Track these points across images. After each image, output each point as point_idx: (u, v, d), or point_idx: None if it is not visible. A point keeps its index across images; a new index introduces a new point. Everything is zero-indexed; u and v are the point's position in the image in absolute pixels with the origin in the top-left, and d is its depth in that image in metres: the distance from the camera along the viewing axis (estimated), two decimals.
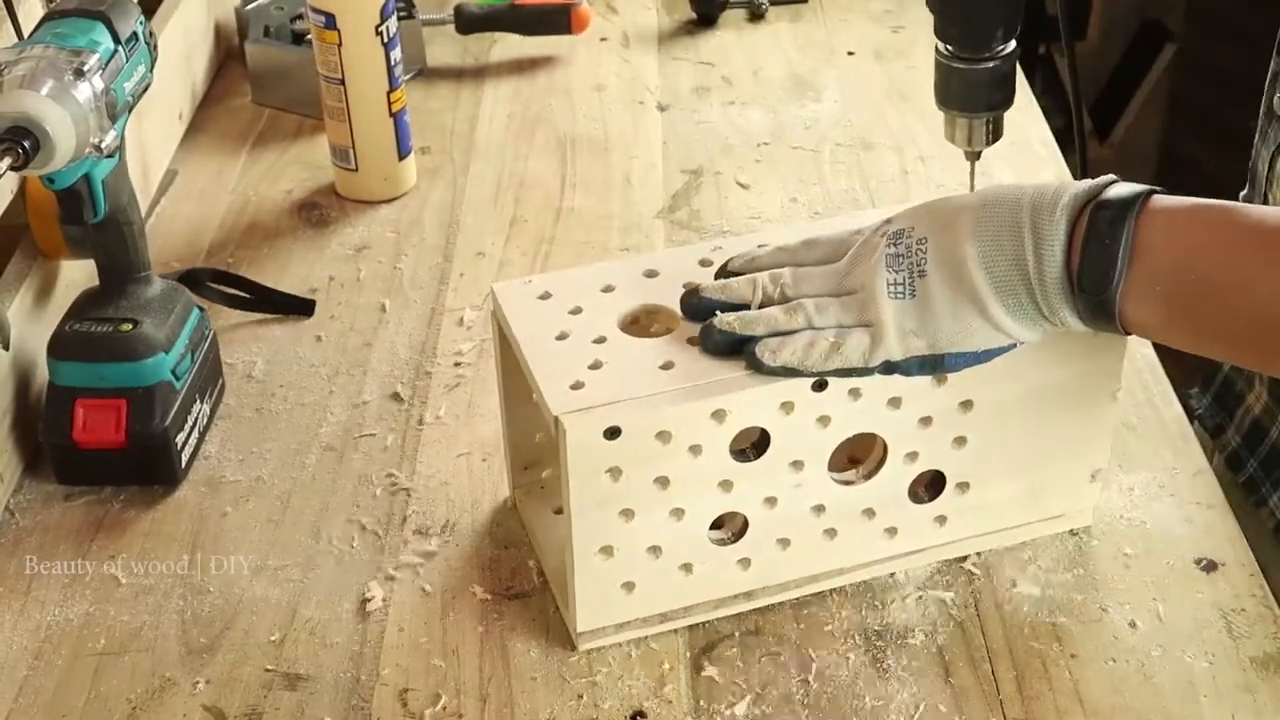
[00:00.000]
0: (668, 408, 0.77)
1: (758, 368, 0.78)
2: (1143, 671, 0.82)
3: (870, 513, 0.85)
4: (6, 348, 0.94)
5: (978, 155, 1.02)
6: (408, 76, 1.31)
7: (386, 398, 1.03)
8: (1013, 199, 0.76)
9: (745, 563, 0.84)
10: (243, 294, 1.12)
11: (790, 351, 0.77)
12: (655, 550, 0.81)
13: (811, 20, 1.55)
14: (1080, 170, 1.30)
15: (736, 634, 0.85)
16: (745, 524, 0.82)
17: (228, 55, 1.48)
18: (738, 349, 0.79)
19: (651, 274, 0.86)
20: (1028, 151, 1.32)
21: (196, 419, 0.97)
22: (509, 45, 1.49)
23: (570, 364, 0.80)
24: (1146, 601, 0.87)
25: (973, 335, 0.77)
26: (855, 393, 0.79)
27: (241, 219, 1.24)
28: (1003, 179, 1.27)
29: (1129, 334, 0.76)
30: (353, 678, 0.83)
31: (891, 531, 0.86)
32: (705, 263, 0.87)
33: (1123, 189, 0.74)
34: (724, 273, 0.85)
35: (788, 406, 0.79)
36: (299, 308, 1.12)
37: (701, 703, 0.81)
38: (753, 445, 0.81)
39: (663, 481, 0.79)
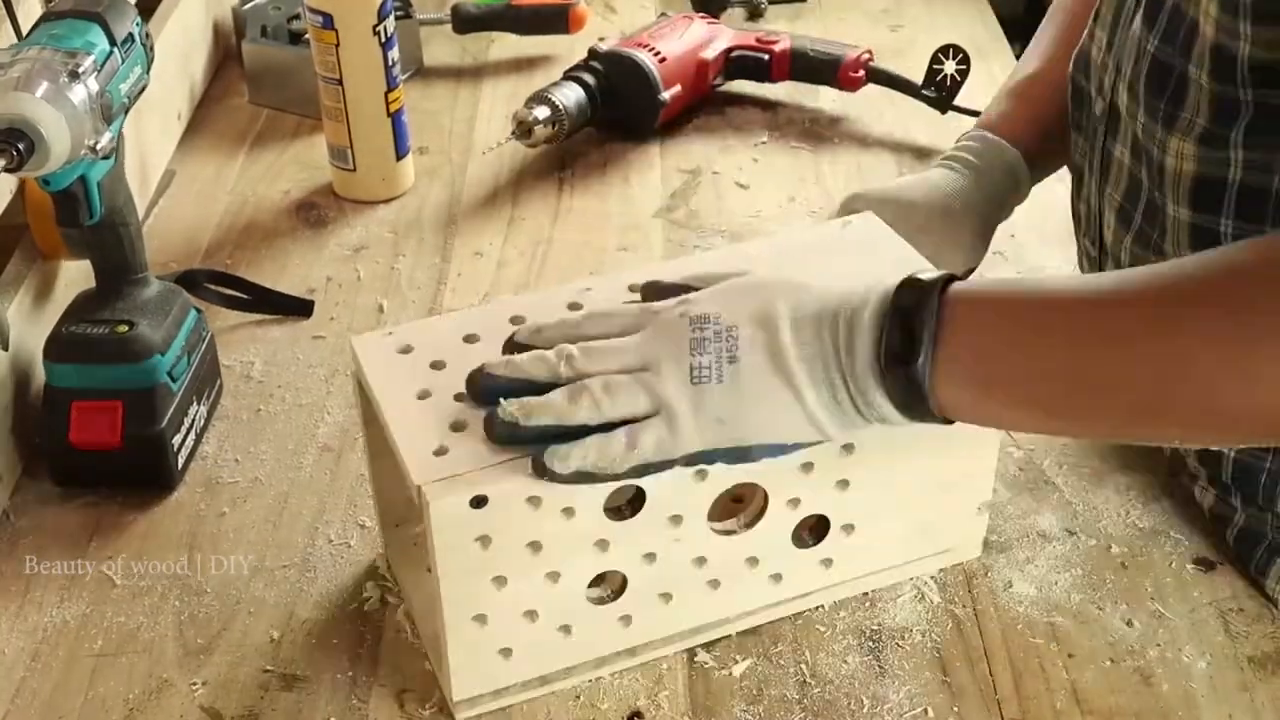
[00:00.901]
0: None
1: (551, 477, 0.73)
2: (1140, 671, 0.82)
3: (754, 560, 0.83)
4: (6, 348, 0.94)
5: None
6: (405, 76, 1.31)
7: None
8: (822, 292, 0.75)
9: (626, 619, 0.81)
10: (241, 295, 1.12)
11: (581, 456, 0.73)
12: (531, 614, 0.78)
13: (810, 19, 1.55)
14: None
15: (733, 635, 0.85)
16: (624, 581, 0.80)
17: (226, 55, 1.48)
18: (524, 441, 0.74)
19: (517, 320, 0.82)
20: None
21: (193, 421, 0.97)
22: (506, 45, 1.49)
23: (433, 426, 0.76)
24: (1144, 601, 0.87)
25: (783, 426, 0.74)
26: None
27: (239, 219, 1.24)
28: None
29: (945, 419, 0.74)
30: (350, 678, 0.83)
31: (776, 578, 0.84)
32: (574, 305, 0.84)
33: (927, 277, 0.73)
34: (511, 345, 0.80)
35: None
36: (297, 308, 1.12)
37: (699, 703, 0.81)
38: (628, 502, 0.78)
39: (535, 546, 0.76)
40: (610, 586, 0.81)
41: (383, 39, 1.20)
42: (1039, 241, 1.19)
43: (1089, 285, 0.75)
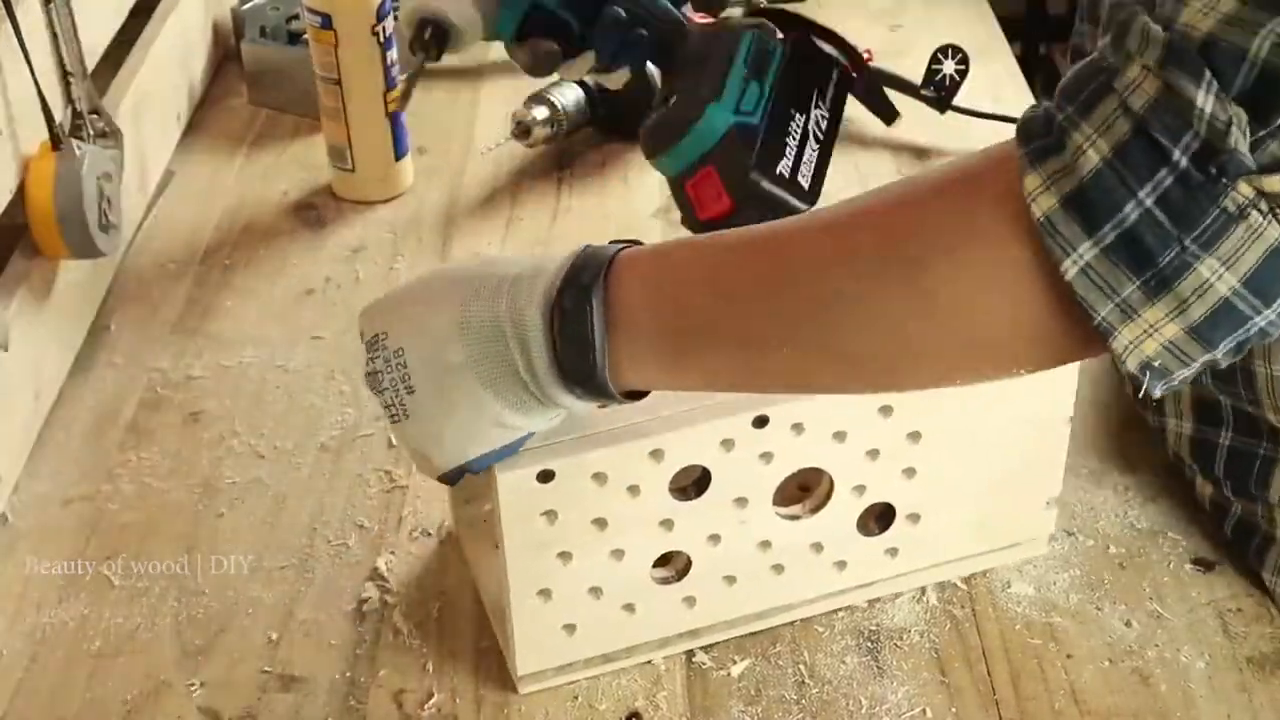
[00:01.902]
0: (603, 448, 0.75)
1: None
2: (1139, 672, 0.82)
3: (818, 547, 0.83)
4: (5, 348, 0.94)
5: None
6: (404, 76, 1.31)
7: None
8: (493, 287, 0.70)
9: (690, 601, 0.82)
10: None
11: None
12: (596, 591, 0.79)
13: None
14: None
15: (732, 635, 0.85)
16: (689, 562, 0.81)
17: (225, 56, 1.48)
18: None
19: None
20: None
21: (802, 131, 0.89)
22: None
23: None
24: (1142, 601, 0.87)
25: (485, 438, 0.72)
26: (799, 427, 0.78)
27: (239, 219, 1.24)
28: None
29: (639, 398, 0.71)
30: (349, 679, 0.83)
31: (841, 565, 0.84)
32: None
33: (592, 257, 0.68)
34: None
35: (728, 444, 0.77)
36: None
37: (697, 703, 0.81)
38: (694, 483, 0.79)
39: (601, 523, 0.77)
40: (675, 567, 0.82)
41: (381, 39, 1.20)
42: None
43: (772, 223, 0.68)
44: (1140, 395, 0.61)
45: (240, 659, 0.84)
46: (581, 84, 1.29)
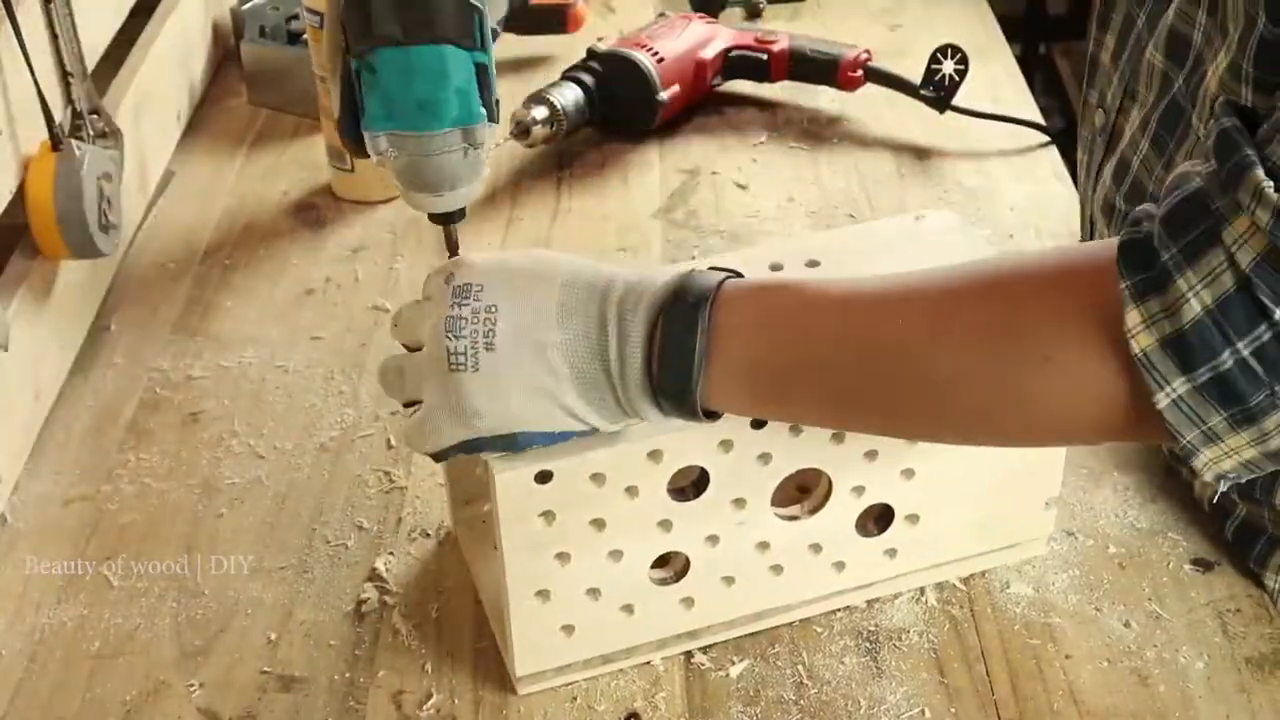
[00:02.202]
0: (601, 449, 0.75)
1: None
2: (1138, 672, 0.82)
3: (817, 548, 0.83)
4: (5, 348, 0.94)
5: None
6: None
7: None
8: (601, 285, 0.71)
9: (688, 602, 0.82)
10: None
11: (405, 434, 0.76)
12: (594, 592, 0.80)
13: (809, 18, 1.55)
14: (1072, 171, 1.31)
15: (731, 635, 0.85)
16: (687, 563, 0.81)
17: (225, 56, 1.48)
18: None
19: None
20: (1027, 151, 1.32)
21: None
22: (505, 45, 1.49)
23: None
24: (1141, 602, 0.87)
25: (548, 419, 0.72)
26: (796, 429, 0.78)
27: (238, 220, 1.24)
28: (1002, 178, 1.28)
29: (712, 420, 0.73)
30: (348, 680, 0.83)
31: (839, 566, 0.84)
32: None
33: (699, 281, 0.70)
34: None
35: (726, 445, 0.77)
36: None
37: (696, 704, 0.81)
38: (692, 484, 0.79)
39: (599, 524, 0.77)
40: (673, 568, 0.82)
41: None
42: (1038, 241, 1.19)
43: (865, 286, 0.71)
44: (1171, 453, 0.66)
45: (239, 659, 0.84)
46: (581, 84, 1.29)
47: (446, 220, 0.82)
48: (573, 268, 0.72)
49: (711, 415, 0.72)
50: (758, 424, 0.77)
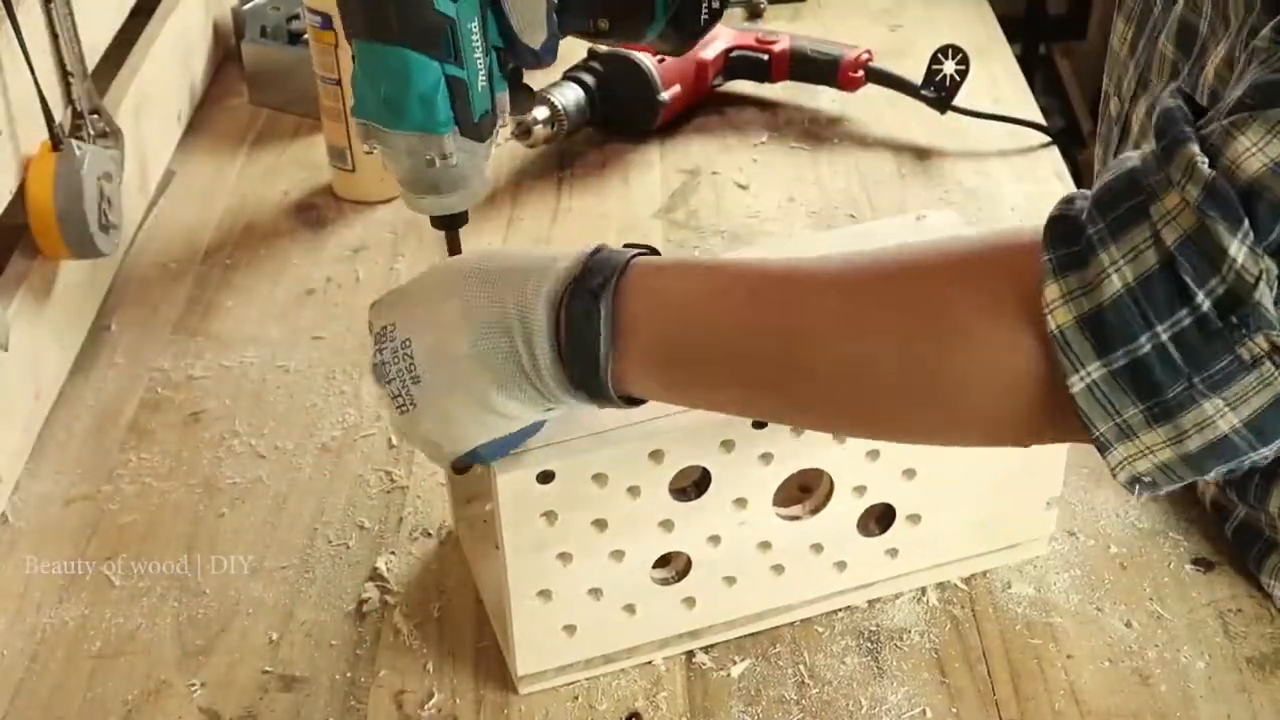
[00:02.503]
0: (604, 450, 0.75)
1: None
2: (1139, 672, 0.82)
3: (818, 547, 0.83)
4: (5, 348, 0.94)
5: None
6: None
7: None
8: (498, 281, 0.69)
9: (690, 601, 0.82)
10: None
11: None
12: (596, 592, 0.80)
13: (810, 19, 1.55)
14: (1072, 171, 1.31)
15: (732, 635, 0.85)
16: (689, 563, 0.81)
17: (225, 56, 1.48)
18: None
19: None
20: (1028, 151, 1.32)
21: None
22: None
23: None
24: (1142, 602, 0.87)
25: (492, 428, 0.72)
26: (798, 430, 0.78)
27: (239, 219, 1.24)
28: (1002, 178, 1.28)
29: (634, 405, 0.71)
30: (349, 679, 0.83)
31: (841, 565, 0.84)
32: None
33: (601, 263, 0.68)
34: None
35: (728, 445, 0.77)
36: None
37: (697, 704, 0.81)
38: (694, 484, 0.79)
39: (601, 524, 0.77)
40: (675, 568, 0.82)
41: None
42: None
43: (789, 263, 0.68)
44: None
45: (241, 659, 0.84)
46: (582, 84, 1.29)
47: (445, 225, 0.82)
48: (479, 276, 0.70)
49: (633, 401, 0.70)
50: (760, 424, 0.77)
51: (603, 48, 1.32)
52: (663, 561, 0.81)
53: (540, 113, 1.26)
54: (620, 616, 0.81)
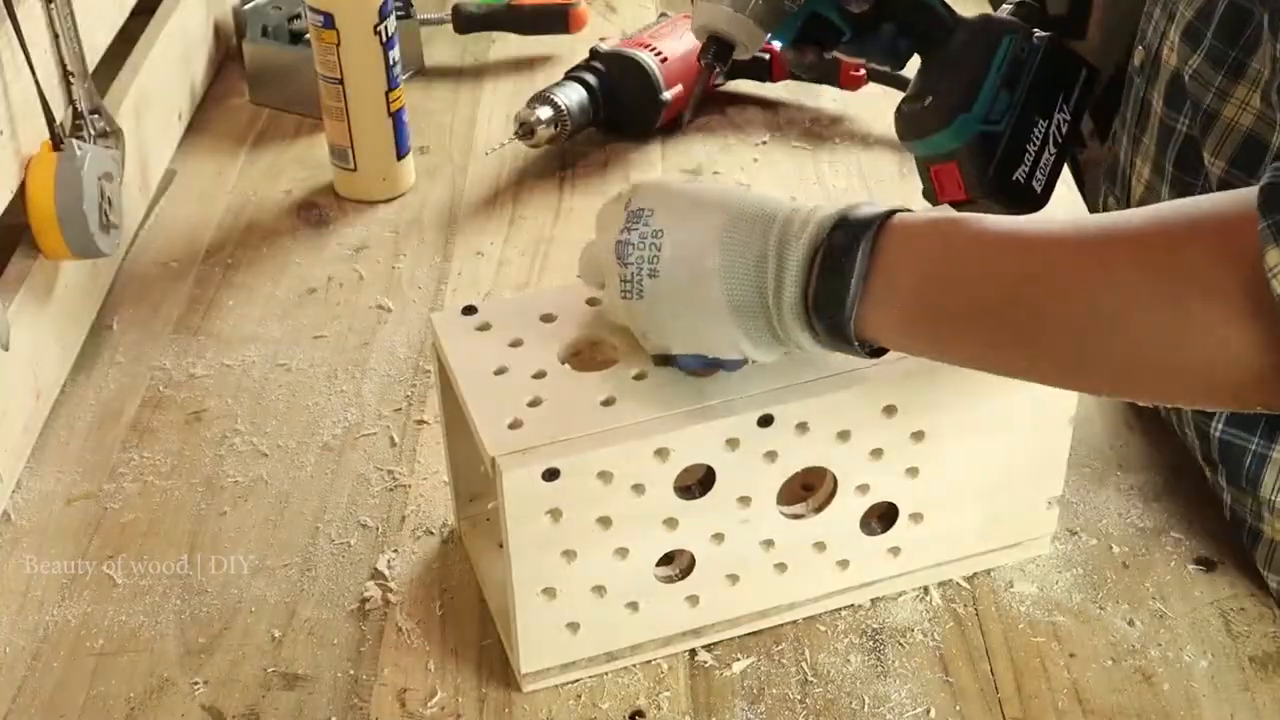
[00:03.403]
0: (609, 447, 0.75)
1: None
2: (1141, 671, 0.82)
3: (821, 546, 0.83)
4: (6, 348, 0.94)
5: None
6: (406, 76, 1.31)
7: (385, 397, 1.03)
8: (764, 217, 0.72)
9: (693, 599, 0.82)
10: None
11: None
12: (600, 590, 0.80)
13: None
14: (1073, 171, 1.31)
15: (735, 634, 0.85)
16: (693, 561, 0.81)
17: (226, 55, 1.48)
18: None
19: (594, 302, 0.84)
20: None
21: (1043, 136, 0.92)
22: (507, 45, 1.49)
23: (509, 401, 0.77)
24: (1145, 601, 0.87)
25: (706, 344, 0.74)
26: (803, 427, 0.78)
27: (240, 219, 1.24)
28: None
29: (869, 352, 0.72)
30: (351, 677, 0.83)
31: (844, 564, 0.84)
32: None
33: (866, 210, 0.71)
34: None
35: (733, 443, 0.77)
36: None
37: (700, 702, 0.81)
38: (699, 482, 0.79)
39: (605, 521, 0.77)
40: (679, 566, 0.82)
41: (383, 39, 1.20)
42: None
43: (1027, 226, 0.71)
44: None
45: (243, 657, 0.84)
46: (584, 84, 1.29)
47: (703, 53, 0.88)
48: (741, 199, 0.73)
49: (865, 346, 0.72)
50: (764, 421, 0.77)
51: (605, 48, 1.32)
52: (666, 559, 0.81)
53: (544, 113, 1.26)
54: (623, 614, 0.81)
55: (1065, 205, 1.23)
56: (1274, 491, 0.86)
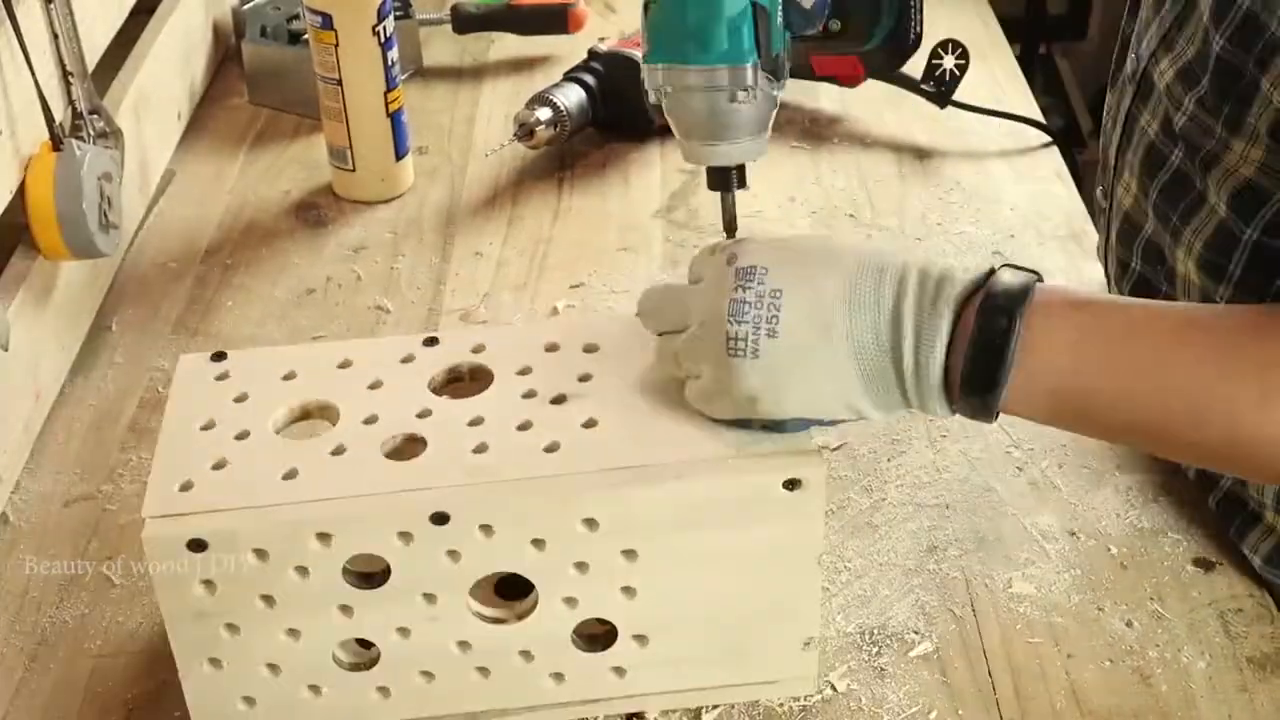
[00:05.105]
0: (263, 524, 0.71)
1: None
2: (1139, 672, 0.82)
3: (528, 655, 0.76)
4: (6, 348, 0.94)
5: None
6: (405, 76, 1.31)
7: None
8: (892, 273, 0.69)
9: (384, 691, 0.76)
10: None
11: (689, 396, 0.74)
12: (273, 668, 0.75)
13: None
14: (1073, 171, 1.31)
15: None
16: (380, 652, 0.76)
17: (225, 55, 1.48)
18: None
19: (345, 364, 0.80)
20: (1028, 151, 1.32)
21: None
22: (506, 45, 1.49)
23: (194, 460, 0.74)
24: (1143, 601, 0.86)
25: (824, 407, 0.72)
26: (487, 529, 0.72)
27: (239, 219, 1.24)
28: (1003, 178, 1.28)
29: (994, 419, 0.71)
30: None
31: (558, 677, 0.77)
32: (408, 359, 0.81)
33: (1011, 281, 0.69)
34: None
35: (406, 536, 0.71)
36: None
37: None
38: (383, 571, 0.73)
39: (269, 600, 0.72)
40: (370, 654, 0.76)
41: (382, 39, 1.20)
42: (1037, 242, 1.19)
43: (1162, 312, 0.72)
44: None
45: None
46: (583, 85, 1.29)
47: (724, 184, 0.82)
48: (859, 254, 0.71)
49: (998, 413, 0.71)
50: (439, 519, 0.71)
51: (603, 48, 1.32)
52: (363, 643, 0.76)
53: (543, 114, 1.26)
54: (306, 695, 0.76)
55: (1062, 204, 1.23)
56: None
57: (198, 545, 0.70)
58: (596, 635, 0.77)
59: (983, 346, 0.67)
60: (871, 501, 0.93)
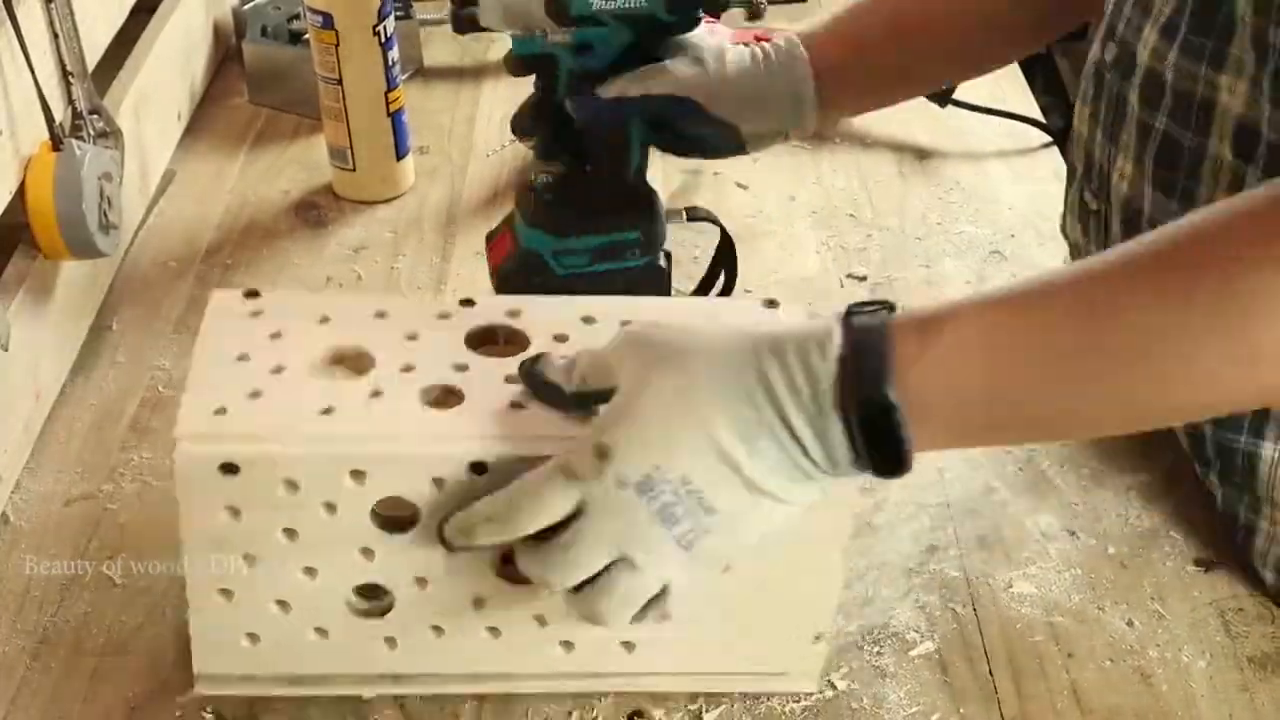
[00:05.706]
0: (300, 455, 0.69)
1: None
2: (1140, 671, 0.82)
3: (541, 620, 0.75)
4: (5, 349, 0.94)
5: None
6: (405, 76, 1.31)
7: None
8: (756, 395, 0.66)
9: (392, 642, 0.76)
10: None
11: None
12: (283, 605, 0.74)
13: (810, 18, 1.54)
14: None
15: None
16: (393, 601, 0.75)
17: (226, 55, 1.48)
18: None
19: (381, 314, 0.79)
20: (1027, 152, 1.32)
21: None
22: (506, 45, 1.48)
23: (229, 387, 0.72)
24: (1143, 601, 0.87)
25: (780, 520, 0.70)
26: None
27: (239, 219, 1.24)
28: (1002, 178, 1.28)
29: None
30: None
31: (568, 646, 0.77)
32: (444, 315, 0.79)
33: (866, 346, 0.65)
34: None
35: (439, 483, 0.70)
36: None
37: (701, 701, 0.81)
38: (409, 518, 0.72)
39: (291, 534, 0.71)
40: (382, 602, 0.76)
41: (382, 39, 1.20)
42: (1037, 242, 1.19)
43: (1072, 270, 0.69)
44: None
45: None
46: None
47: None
48: (709, 383, 0.67)
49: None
50: (477, 468, 0.70)
51: None
52: (374, 591, 0.75)
53: None
54: (312, 637, 0.75)
55: (1056, 201, 1.23)
56: (1270, 487, 0.86)
57: (230, 468, 0.69)
58: None
59: (873, 436, 0.65)
60: (873, 502, 0.93)
